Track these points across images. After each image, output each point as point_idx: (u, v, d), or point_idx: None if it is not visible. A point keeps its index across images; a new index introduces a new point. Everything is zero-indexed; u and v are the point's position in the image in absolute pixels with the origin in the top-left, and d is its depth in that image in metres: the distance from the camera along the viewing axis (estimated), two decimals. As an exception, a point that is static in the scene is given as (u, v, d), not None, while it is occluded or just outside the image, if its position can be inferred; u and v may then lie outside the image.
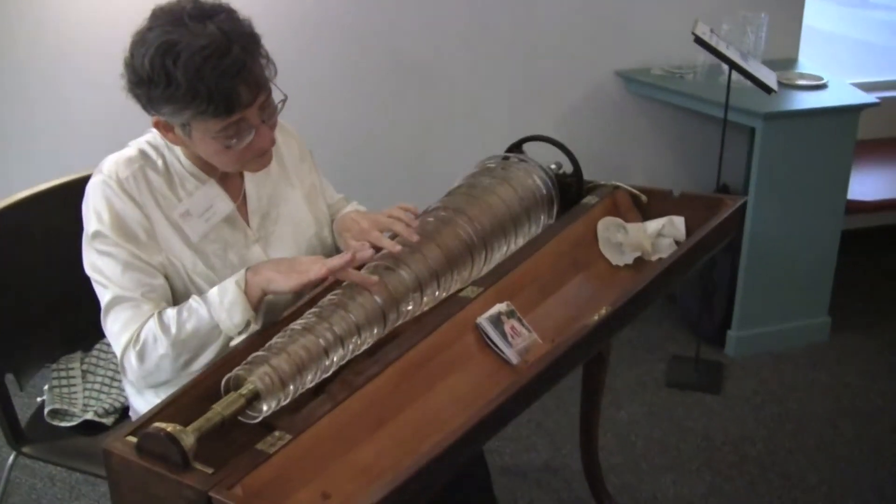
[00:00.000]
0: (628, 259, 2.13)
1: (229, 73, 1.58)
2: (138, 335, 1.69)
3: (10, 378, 2.13)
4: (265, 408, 1.50)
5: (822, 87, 3.49)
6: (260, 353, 1.56)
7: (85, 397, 2.26)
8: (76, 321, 2.21)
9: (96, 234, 1.73)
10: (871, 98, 3.36)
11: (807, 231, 3.46)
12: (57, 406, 2.19)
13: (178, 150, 1.80)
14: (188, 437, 1.38)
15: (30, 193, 2.17)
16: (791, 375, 3.48)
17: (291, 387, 1.53)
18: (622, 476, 2.91)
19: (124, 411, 2.22)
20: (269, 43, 1.71)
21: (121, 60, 1.64)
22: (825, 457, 3.03)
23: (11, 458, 2.17)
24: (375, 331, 1.68)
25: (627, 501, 2.80)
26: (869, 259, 4.34)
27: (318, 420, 1.47)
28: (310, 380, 1.56)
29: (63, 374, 2.28)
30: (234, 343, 1.71)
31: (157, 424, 1.40)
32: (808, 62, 3.91)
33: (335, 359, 1.60)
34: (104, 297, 1.73)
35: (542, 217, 2.09)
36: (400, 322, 1.74)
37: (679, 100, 3.59)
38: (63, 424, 2.18)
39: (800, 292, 3.57)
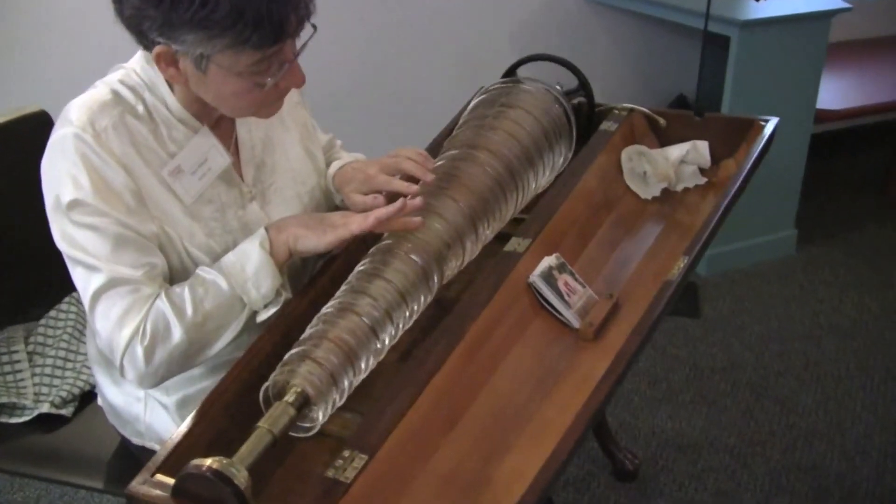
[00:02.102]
0: (655, 191, 1.93)
1: None
2: (144, 326, 1.37)
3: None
4: (320, 415, 1.25)
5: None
6: (296, 349, 1.30)
7: (35, 384, 1.92)
8: (16, 286, 1.88)
9: (74, 204, 1.37)
10: (842, 3, 3.22)
11: (776, 143, 3.32)
12: (3, 399, 1.85)
13: (163, 90, 1.45)
14: (240, 473, 1.11)
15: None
16: (766, 293, 3.39)
17: (346, 382, 1.28)
18: (617, 414, 2.77)
19: (85, 397, 1.91)
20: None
21: None
22: (814, 377, 2.94)
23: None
24: (422, 297, 1.44)
25: (627, 440, 2.65)
26: (831, 165, 4.25)
27: (392, 429, 1.22)
28: (363, 368, 1.32)
29: (4, 357, 1.94)
30: (260, 319, 1.44)
31: (197, 461, 1.11)
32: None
33: (386, 339, 1.36)
34: (91, 280, 1.38)
35: (563, 144, 1.86)
36: (445, 281, 1.50)
37: (645, 8, 3.39)
38: (12, 421, 1.84)
39: (767, 206, 3.45)
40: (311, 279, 1.50)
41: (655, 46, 3.77)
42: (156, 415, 1.62)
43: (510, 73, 2.06)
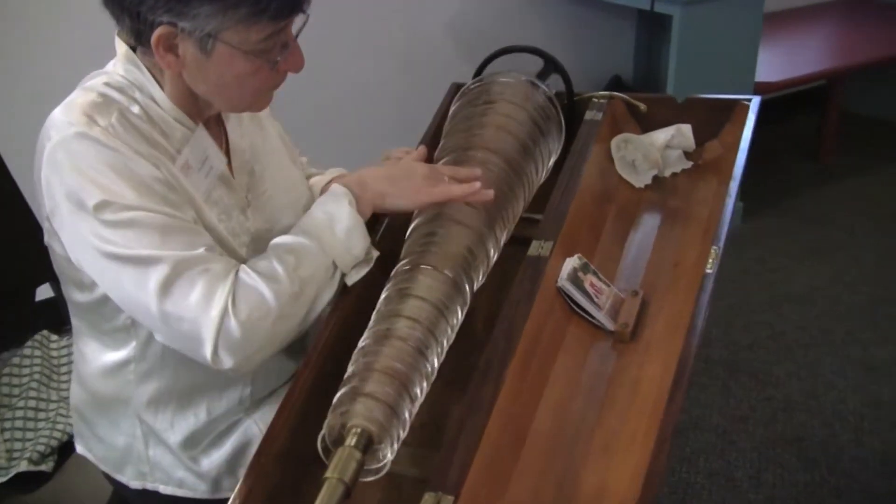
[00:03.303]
0: (647, 179, 1.90)
1: None
2: (234, 301, 1.23)
3: None
4: (388, 452, 1.17)
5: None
6: (344, 389, 1.22)
7: (6, 440, 1.77)
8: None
9: (103, 205, 1.23)
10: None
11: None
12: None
13: (153, 89, 1.33)
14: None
15: None
16: (721, 268, 3.39)
17: (405, 412, 1.21)
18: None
19: (64, 449, 1.77)
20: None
21: None
22: (782, 347, 2.97)
23: None
24: (459, 309, 1.38)
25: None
26: (766, 135, 4.30)
27: (470, 463, 1.14)
28: (419, 394, 1.24)
29: (-34, 414, 1.79)
30: (351, 281, 1.38)
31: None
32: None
33: (434, 360, 1.29)
34: (150, 274, 1.23)
35: (554, 132, 1.82)
36: (476, 289, 1.45)
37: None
38: (-15, 486, 1.68)
39: (714, 180, 3.47)
40: (334, 305, 1.42)
41: (588, 29, 3.75)
42: (160, 452, 1.52)
43: (481, 69, 2.00)
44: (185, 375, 1.45)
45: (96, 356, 1.49)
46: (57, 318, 1.94)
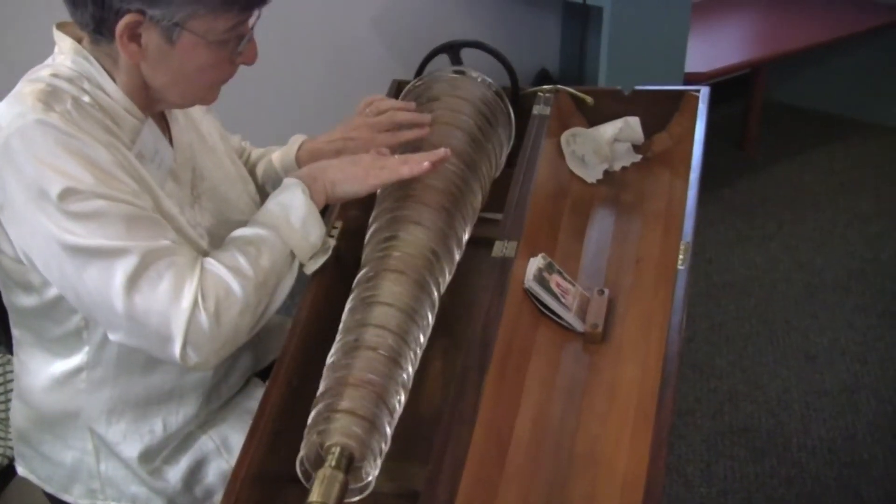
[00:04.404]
0: (598, 174, 1.86)
1: None
2: (203, 293, 1.20)
3: None
4: (371, 470, 1.11)
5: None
6: (318, 407, 1.16)
7: None
8: None
9: (67, 193, 1.17)
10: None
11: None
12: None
13: (103, 80, 1.28)
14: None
15: None
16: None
17: (385, 425, 1.15)
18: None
19: (3, 473, 1.70)
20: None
21: None
22: (722, 338, 2.98)
23: None
24: (428, 313, 1.33)
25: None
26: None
27: (459, 478, 1.08)
28: (397, 406, 1.18)
29: None
30: (310, 270, 1.36)
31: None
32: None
33: (409, 367, 1.23)
34: (117, 267, 1.18)
35: (504, 124, 1.77)
36: (443, 290, 1.39)
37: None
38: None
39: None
40: (294, 318, 1.35)
41: (514, 21, 3.71)
42: (113, 468, 1.45)
43: (422, 66, 1.93)
44: (141, 382, 1.39)
45: (42, 367, 1.42)
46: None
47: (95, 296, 1.20)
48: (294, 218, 1.32)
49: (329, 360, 1.23)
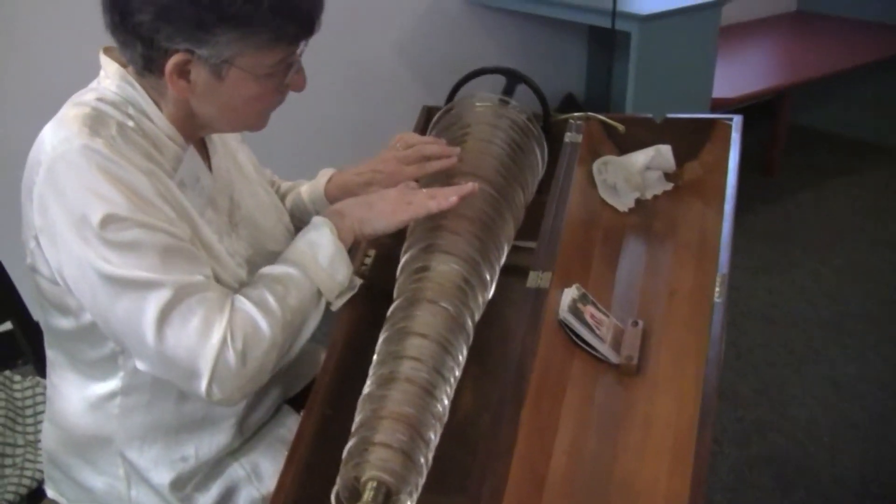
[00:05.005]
0: (630, 202, 1.85)
1: None
2: (232, 331, 1.20)
3: None
4: (408, 502, 1.10)
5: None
6: (353, 440, 1.15)
7: None
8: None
9: (108, 220, 1.17)
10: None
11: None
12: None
13: (146, 107, 1.29)
14: None
15: None
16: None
17: (420, 458, 1.13)
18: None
19: (33, 496, 1.66)
20: None
21: None
22: (749, 365, 2.96)
23: None
24: (463, 344, 1.32)
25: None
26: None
27: None
28: (432, 438, 1.17)
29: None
30: (336, 307, 1.35)
31: None
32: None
33: (444, 399, 1.22)
34: (151, 299, 1.18)
35: (537, 152, 1.76)
36: (476, 320, 1.38)
37: (529, 6, 3.32)
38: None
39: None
40: (329, 349, 1.35)
41: (540, 46, 3.72)
42: (143, 494, 1.45)
43: (453, 93, 1.93)
44: (174, 409, 1.39)
45: (76, 390, 1.42)
46: (13, 351, 1.84)
47: (126, 326, 1.21)
48: (321, 257, 1.33)
49: (364, 391, 1.22)
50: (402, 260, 1.44)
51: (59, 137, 1.22)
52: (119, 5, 1.21)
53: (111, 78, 1.30)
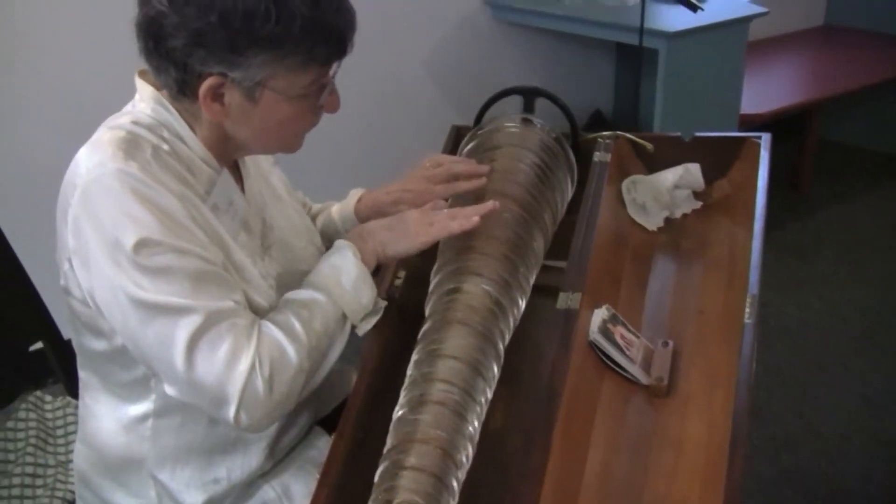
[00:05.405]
0: (659, 221, 1.86)
1: (344, 8, 1.27)
2: (259, 357, 1.22)
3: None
4: (441, 527, 1.10)
5: (702, -2, 3.32)
6: (384, 464, 1.16)
7: None
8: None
9: (142, 244, 1.18)
10: (759, 8, 3.26)
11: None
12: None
13: (181, 129, 1.31)
14: None
15: None
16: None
17: (452, 481, 1.14)
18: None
19: None
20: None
21: None
22: (778, 382, 2.94)
23: None
24: (494, 365, 1.32)
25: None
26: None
27: None
28: (464, 461, 1.18)
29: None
30: (362, 332, 1.37)
31: None
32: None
33: (475, 421, 1.23)
34: (181, 324, 1.20)
35: (565, 172, 1.77)
36: (507, 341, 1.38)
37: (557, 24, 3.33)
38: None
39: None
40: (360, 369, 1.36)
41: (568, 63, 3.73)
42: None
43: (482, 113, 1.94)
44: (206, 431, 1.40)
45: (108, 411, 1.43)
46: (43, 370, 1.86)
47: (156, 350, 1.22)
48: (345, 280, 1.34)
49: (396, 414, 1.23)
50: (433, 281, 1.45)
51: (93, 161, 1.23)
52: (153, 31, 1.23)
53: (146, 101, 1.32)
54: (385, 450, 1.17)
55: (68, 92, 2.69)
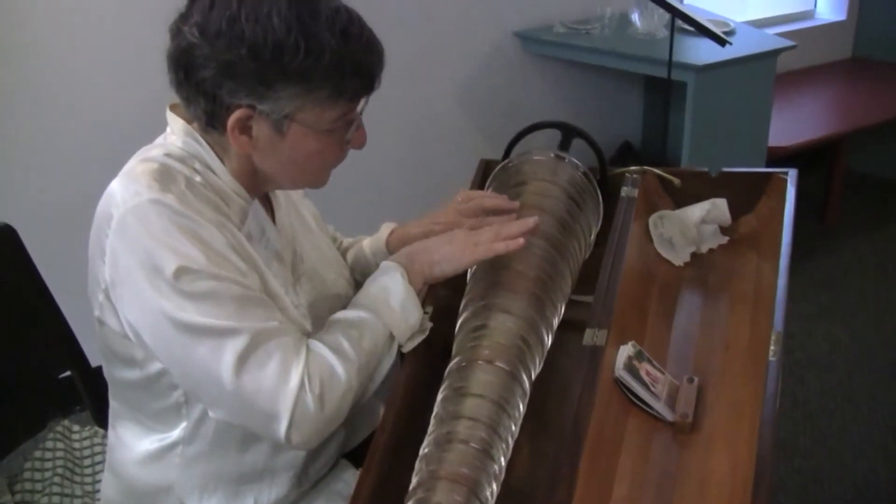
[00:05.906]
0: (686, 256, 1.86)
1: (373, 44, 1.29)
2: (308, 374, 1.24)
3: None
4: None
5: (732, 32, 3.34)
6: (410, 501, 1.16)
7: None
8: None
9: (182, 272, 1.21)
10: (787, 41, 3.27)
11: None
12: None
13: (213, 162, 1.33)
14: None
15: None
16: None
17: (479, 518, 1.15)
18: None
19: None
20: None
21: None
22: (806, 415, 2.93)
23: None
24: (520, 403, 1.34)
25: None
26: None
27: None
28: (489, 497, 1.19)
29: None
30: (407, 350, 1.40)
31: None
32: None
33: (502, 459, 1.24)
34: (227, 346, 1.22)
35: (593, 207, 1.78)
36: (534, 378, 1.40)
37: (586, 56, 3.36)
38: None
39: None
40: (386, 405, 1.38)
41: (597, 95, 3.76)
42: None
43: (510, 147, 1.96)
44: (235, 459, 1.41)
45: (137, 441, 1.45)
46: (72, 397, 1.88)
47: (203, 374, 1.24)
48: (394, 300, 1.36)
49: (422, 451, 1.24)
50: (460, 318, 1.47)
51: (130, 191, 1.26)
52: (183, 62, 1.25)
53: (177, 134, 1.35)
54: (411, 487, 1.18)
55: (96, 124, 2.74)
